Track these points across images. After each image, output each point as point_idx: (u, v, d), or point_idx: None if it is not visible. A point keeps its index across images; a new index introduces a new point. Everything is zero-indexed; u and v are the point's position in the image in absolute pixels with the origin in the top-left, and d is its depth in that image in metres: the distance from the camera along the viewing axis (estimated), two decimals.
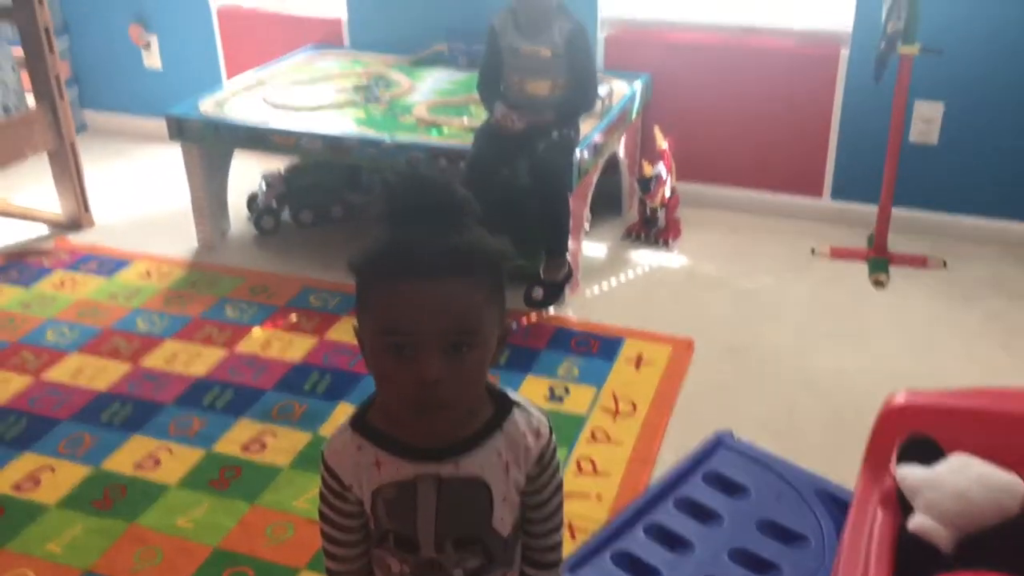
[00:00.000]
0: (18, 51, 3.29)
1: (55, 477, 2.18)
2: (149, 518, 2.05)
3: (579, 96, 2.83)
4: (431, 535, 1.04)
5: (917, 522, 1.33)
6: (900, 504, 1.39)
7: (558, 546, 1.15)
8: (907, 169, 3.15)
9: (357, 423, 1.06)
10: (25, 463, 2.23)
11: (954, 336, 2.72)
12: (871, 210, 3.17)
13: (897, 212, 3.14)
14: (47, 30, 3.16)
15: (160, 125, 3.31)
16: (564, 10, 2.78)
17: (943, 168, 3.23)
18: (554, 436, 1.11)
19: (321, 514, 1.10)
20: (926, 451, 1.42)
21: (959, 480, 1.32)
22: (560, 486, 1.12)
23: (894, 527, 1.36)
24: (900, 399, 1.53)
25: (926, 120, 3.17)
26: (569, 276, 2.83)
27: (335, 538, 1.10)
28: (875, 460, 1.51)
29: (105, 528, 2.02)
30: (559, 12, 2.76)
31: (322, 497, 1.09)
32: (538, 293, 2.80)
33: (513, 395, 1.10)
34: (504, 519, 1.06)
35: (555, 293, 2.81)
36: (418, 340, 0.94)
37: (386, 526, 1.06)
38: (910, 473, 1.38)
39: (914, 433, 1.45)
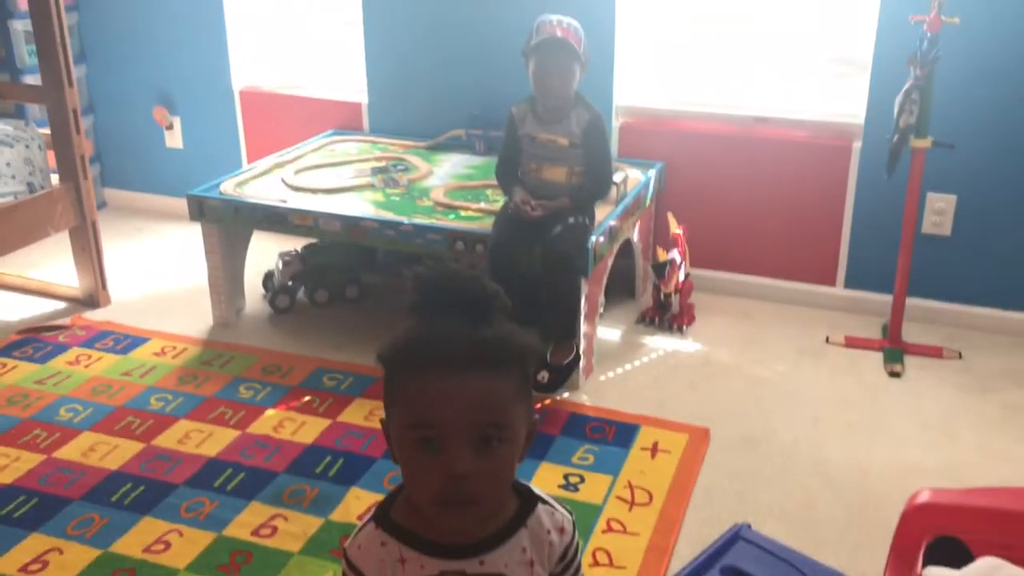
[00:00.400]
0: (45, 131, 3.36)
1: (63, 560, 2.15)
2: None
3: (595, 183, 2.88)
4: None
5: None
6: None
7: None
8: (920, 260, 3.17)
9: (381, 519, 1.05)
10: (33, 544, 2.20)
11: (972, 429, 2.69)
12: (885, 299, 3.17)
13: (911, 302, 3.15)
14: (75, 112, 3.23)
15: (179, 204, 3.37)
16: (583, 99, 2.84)
17: (956, 259, 3.24)
18: (577, 533, 1.10)
19: None
20: (954, 552, 1.39)
21: None
22: None
23: None
24: (924, 497, 1.51)
25: (938, 212, 3.20)
26: (576, 361, 2.82)
27: None
28: (900, 560, 1.48)
29: None
30: (578, 102, 2.83)
31: None
32: (544, 377, 2.79)
33: (538, 491, 1.09)
34: None
35: (561, 377, 2.80)
36: (447, 433, 0.94)
37: None
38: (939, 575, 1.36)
39: (941, 534, 1.43)
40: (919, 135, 2.87)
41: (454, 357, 0.95)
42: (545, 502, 1.08)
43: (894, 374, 2.96)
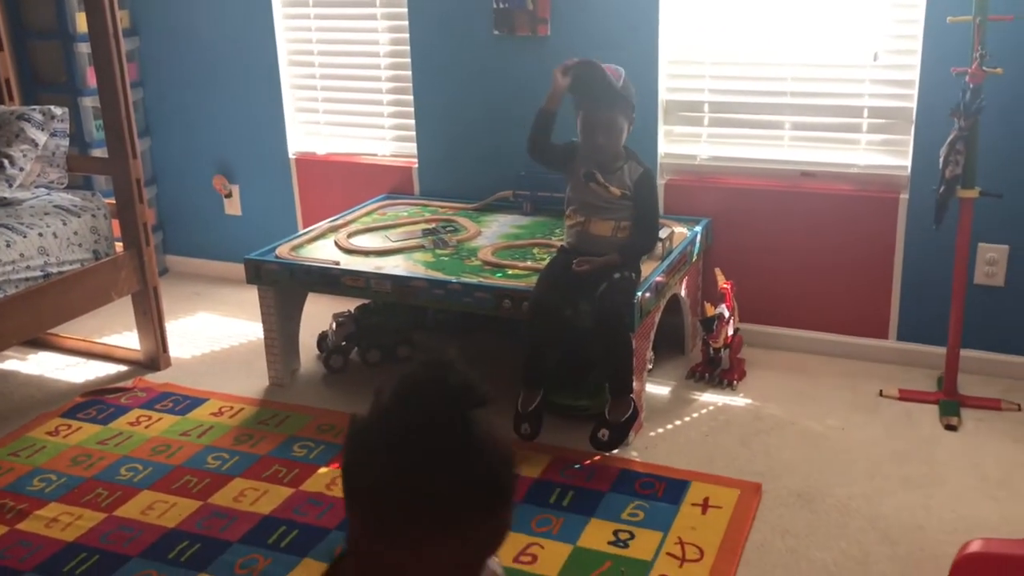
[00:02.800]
0: (111, 200, 3.51)
1: None
2: None
3: (644, 237, 2.92)
4: None
5: None
6: None
7: None
8: (974, 311, 3.13)
9: None
10: None
11: None
12: (939, 352, 3.13)
13: (966, 354, 3.10)
14: (138, 182, 3.37)
15: (237, 268, 3.47)
16: (634, 154, 2.90)
17: (1011, 310, 3.19)
18: None
19: None
20: None
21: None
22: None
23: None
24: (975, 547, 1.49)
25: (991, 262, 3.16)
26: (634, 416, 2.82)
27: None
28: None
29: None
30: (630, 155, 2.89)
31: None
32: (604, 434, 2.79)
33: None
34: None
35: (621, 434, 2.80)
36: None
37: None
38: None
39: None
40: (966, 185, 2.85)
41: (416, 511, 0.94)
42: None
43: (951, 427, 2.91)
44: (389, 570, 0.98)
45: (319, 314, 3.62)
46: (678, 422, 3.04)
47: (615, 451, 2.82)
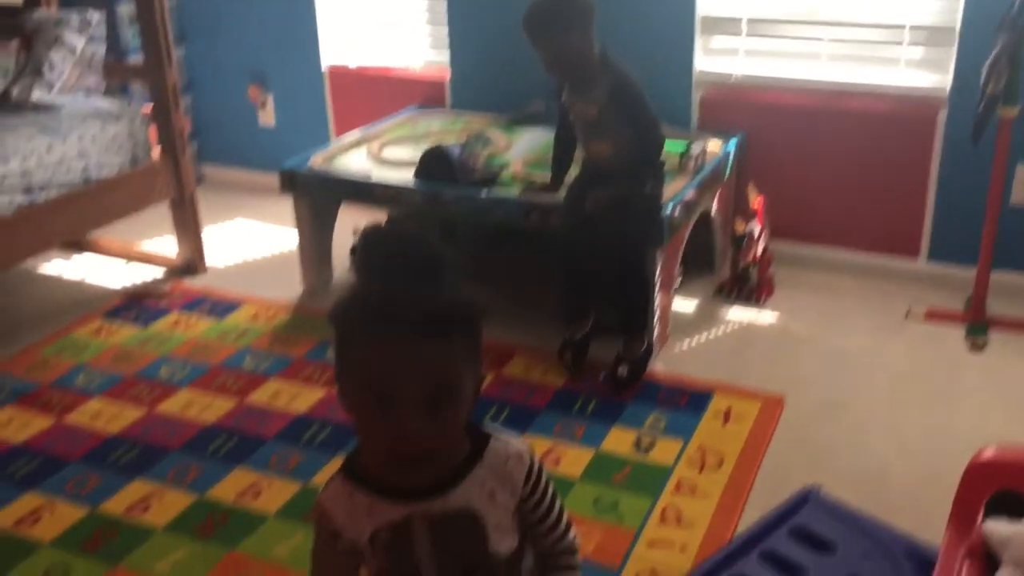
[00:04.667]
0: (147, 108, 3.55)
1: (163, 503, 2.31)
2: (248, 546, 2.15)
3: (642, 149, 2.70)
4: (433, 571, 1.08)
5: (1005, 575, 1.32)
6: (987, 558, 1.38)
7: (574, 547, 1.17)
8: (1008, 232, 3.10)
9: (348, 471, 1.10)
10: (136, 488, 2.37)
11: None
12: (969, 273, 3.12)
13: (997, 275, 3.09)
14: (174, 89, 3.40)
15: (271, 179, 3.51)
16: (608, 62, 2.65)
17: None
18: (535, 456, 1.14)
19: (314, 558, 1.14)
20: (1014, 506, 1.40)
21: None
22: (556, 494, 1.15)
23: None
24: (988, 454, 1.52)
25: None
26: (649, 352, 2.83)
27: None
28: (962, 514, 1.50)
29: (207, 554, 2.13)
30: (605, 69, 2.64)
31: (315, 545, 1.13)
32: (623, 371, 2.75)
33: (487, 427, 1.13)
34: (501, 543, 1.10)
35: (639, 369, 2.79)
36: (398, 397, 0.97)
37: (388, 569, 1.09)
38: (998, 527, 1.37)
39: (1002, 488, 1.44)
40: (1007, 103, 2.81)
41: (405, 323, 0.96)
42: (495, 436, 1.12)
43: (976, 347, 2.92)
44: (344, 398, 1.06)
45: (351, 226, 3.66)
46: (704, 337, 3.08)
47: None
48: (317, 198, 3.33)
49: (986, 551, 1.39)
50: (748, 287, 3.30)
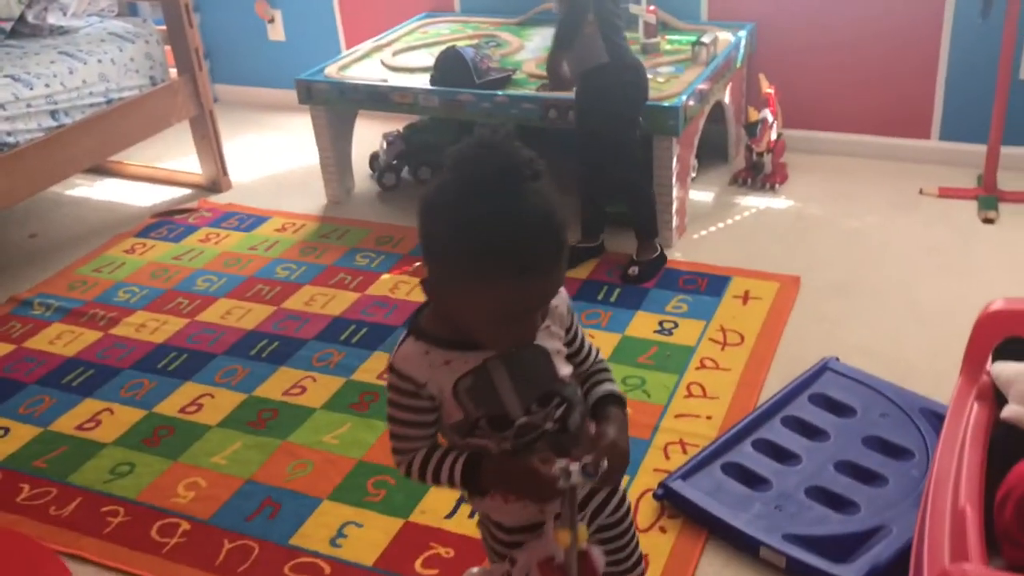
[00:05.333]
0: (161, 28, 3.58)
1: (215, 402, 2.44)
2: (299, 436, 2.29)
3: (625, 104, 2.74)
4: (516, 403, 1.19)
5: (1010, 410, 1.42)
6: (995, 397, 1.48)
7: (605, 364, 1.32)
8: (1018, 107, 3.14)
9: (419, 333, 1.19)
10: (188, 391, 2.50)
11: None
12: (980, 150, 3.16)
13: (1008, 150, 3.14)
14: (187, 7, 3.43)
15: (285, 95, 3.56)
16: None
17: None
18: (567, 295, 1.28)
19: (392, 419, 1.22)
20: (1020, 350, 1.50)
21: None
22: (582, 330, 1.30)
23: (989, 417, 1.45)
24: (997, 304, 1.61)
25: None
26: (662, 259, 2.90)
27: (408, 435, 1.22)
28: (972, 361, 1.60)
29: (261, 444, 2.27)
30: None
31: (393, 403, 1.21)
32: (634, 271, 2.85)
33: None
34: (563, 368, 1.23)
35: (649, 271, 2.86)
36: (528, 316, 1.12)
37: (475, 414, 1.19)
38: (1004, 368, 1.47)
39: (1010, 335, 1.54)
40: None
41: (542, 263, 1.08)
42: None
43: (988, 221, 2.99)
44: (456, 311, 1.13)
45: (369, 136, 3.73)
46: (721, 224, 3.15)
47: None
48: (334, 108, 3.38)
49: (994, 392, 1.49)
50: (762, 175, 3.36)
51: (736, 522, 1.86)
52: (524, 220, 1.06)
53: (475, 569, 1.33)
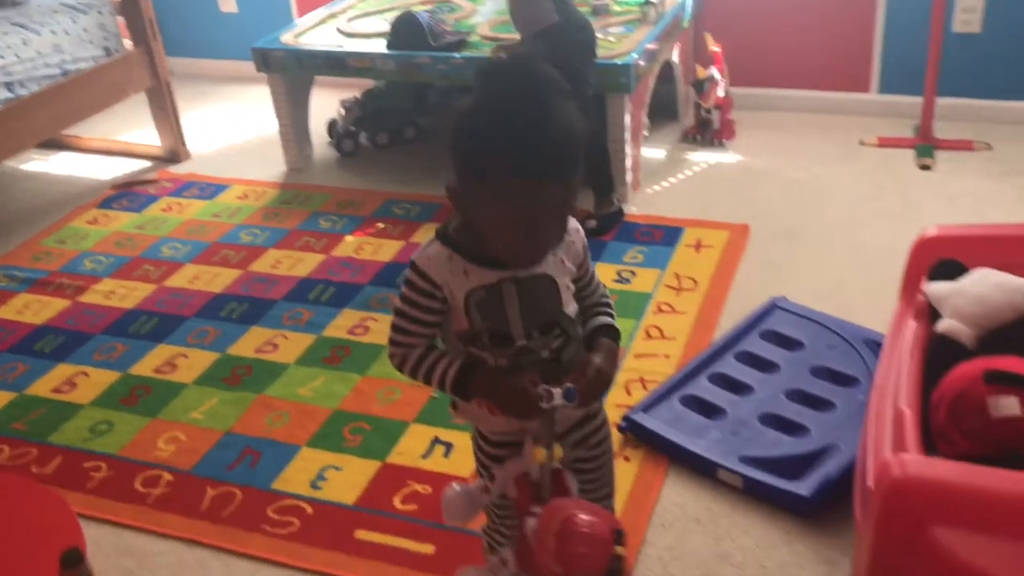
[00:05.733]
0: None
1: (189, 362, 2.50)
2: (274, 390, 2.36)
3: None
4: (520, 326, 1.27)
5: (944, 324, 1.54)
6: (930, 314, 1.61)
7: (610, 300, 1.40)
8: (952, 59, 3.29)
9: (445, 239, 1.28)
10: (161, 352, 2.55)
11: (998, 208, 2.88)
12: (918, 102, 3.31)
13: (944, 101, 3.29)
14: None
15: (240, 66, 3.59)
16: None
17: (987, 56, 3.35)
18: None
19: (400, 312, 1.30)
20: (953, 270, 1.63)
21: (980, 287, 1.54)
22: (593, 266, 1.38)
23: (925, 332, 1.58)
24: (931, 231, 1.74)
25: (968, 9, 3.29)
26: (620, 213, 2.98)
27: (410, 331, 1.30)
28: (910, 284, 1.72)
29: (237, 399, 2.34)
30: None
31: (405, 298, 1.29)
32: (591, 224, 2.91)
33: None
34: (569, 303, 1.31)
35: (605, 225, 2.95)
36: (540, 222, 1.18)
37: (480, 326, 1.27)
38: (938, 287, 1.60)
39: (942, 258, 1.66)
40: None
41: (553, 172, 1.15)
42: None
43: (924, 167, 3.14)
44: (470, 216, 1.22)
45: (326, 104, 3.77)
46: (673, 179, 3.27)
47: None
48: (292, 75, 3.42)
49: (930, 309, 1.62)
50: (711, 131, 3.48)
51: (695, 448, 1.98)
52: (523, 123, 1.13)
53: (456, 485, 1.42)
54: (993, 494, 1.17)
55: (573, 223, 1.32)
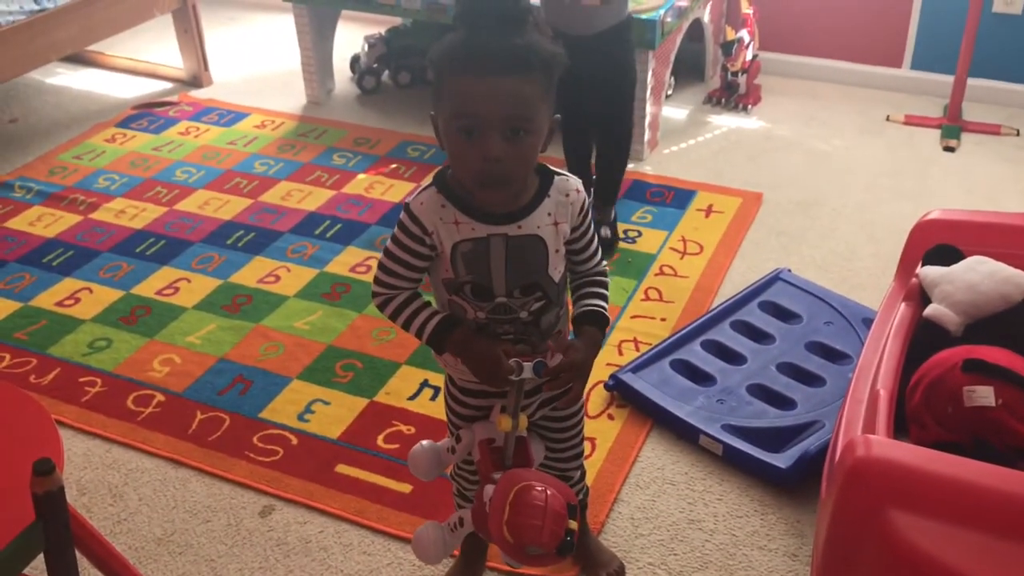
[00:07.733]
0: None
1: (191, 287, 2.53)
2: (272, 321, 2.38)
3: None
4: (503, 283, 1.28)
5: (931, 308, 1.53)
6: (921, 298, 1.59)
7: (606, 272, 1.39)
8: (989, 40, 3.20)
9: (441, 186, 1.27)
10: (165, 275, 2.58)
11: (1016, 196, 2.83)
12: (949, 80, 3.23)
13: (977, 83, 3.21)
14: None
15: None
16: None
17: None
18: (585, 193, 1.33)
19: (388, 254, 1.30)
20: (949, 256, 1.61)
21: (971, 275, 1.52)
22: (594, 231, 1.36)
23: (914, 315, 1.56)
24: (933, 214, 1.71)
25: None
26: (615, 238, 2.66)
27: (397, 273, 1.30)
28: (905, 267, 1.70)
29: (235, 327, 2.36)
30: None
31: (395, 240, 1.29)
32: (606, 233, 2.63)
33: (552, 168, 1.32)
34: (556, 268, 1.30)
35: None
36: (484, 124, 1.16)
37: (464, 278, 1.28)
38: (931, 271, 1.58)
39: (940, 242, 1.64)
40: None
41: (492, 62, 1.14)
42: (559, 173, 1.32)
43: (949, 149, 3.08)
44: (442, 130, 1.22)
45: (351, 39, 3.74)
46: (692, 141, 3.23)
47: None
48: (318, 7, 3.39)
49: (921, 293, 1.61)
50: (736, 95, 3.42)
51: (679, 412, 1.99)
52: (482, 27, 1.15)
53: (425, 442, 1.44)
54: (952, 482, 1.16)
55: (574, 182, 1.31)
